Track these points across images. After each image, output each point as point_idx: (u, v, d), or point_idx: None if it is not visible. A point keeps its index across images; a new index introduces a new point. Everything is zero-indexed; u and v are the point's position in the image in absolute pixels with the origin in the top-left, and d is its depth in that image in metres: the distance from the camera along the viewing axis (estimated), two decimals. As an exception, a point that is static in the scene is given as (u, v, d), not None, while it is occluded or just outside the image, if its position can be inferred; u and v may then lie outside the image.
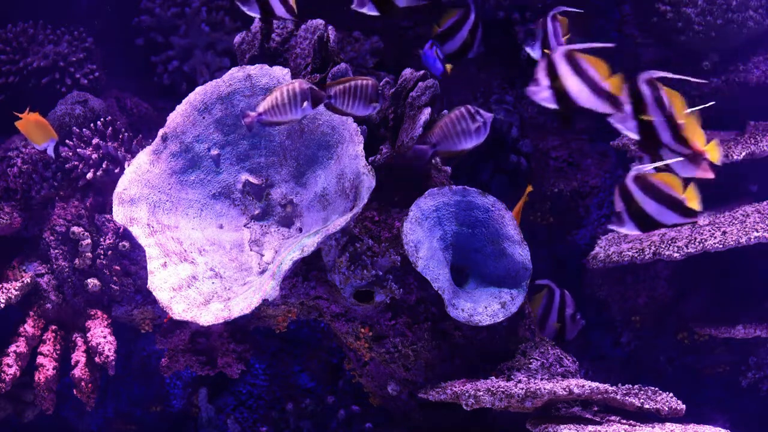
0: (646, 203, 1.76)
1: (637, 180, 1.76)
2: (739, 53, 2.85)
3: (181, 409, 2.79)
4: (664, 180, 1.77)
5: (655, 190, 1.76)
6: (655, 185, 1.76)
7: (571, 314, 2.47)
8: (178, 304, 2.08)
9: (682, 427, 1.99)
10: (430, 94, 2.24)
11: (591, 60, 1.78)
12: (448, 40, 2.23)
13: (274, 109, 1.92)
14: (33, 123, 2.30)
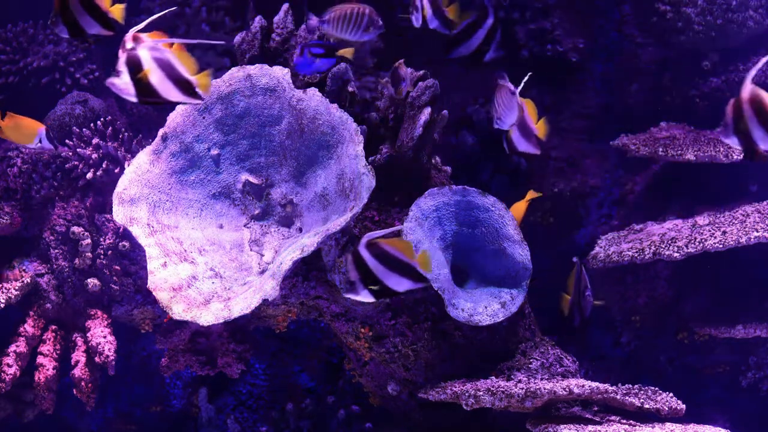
0: (378, 271, 1.78)
1: (369, 247, 1.77)
2: (739, 53, 2.85)
3: (181, 409, 2.79)
4: (395, 246, 1.78)
5: (389, 257, 1.78)
6: (388, 252, 1.78)
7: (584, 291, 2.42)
8: (178, 304, 2.08)
9: (682, 427, 1.99)
10: (430, 94, 2.24)
11: (177, 53, 1.78)
12: (462, 43, 2.20)
13: (338, 21, 1.94)
14: (12, 127, 2.24)
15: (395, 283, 1.80)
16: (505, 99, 2.05)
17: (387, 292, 1.81)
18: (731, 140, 1.76)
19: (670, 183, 2.81)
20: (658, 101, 2.94)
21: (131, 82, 1.76)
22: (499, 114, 2.05)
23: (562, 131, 3.01)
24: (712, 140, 2.65)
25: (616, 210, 2.95)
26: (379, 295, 1.82)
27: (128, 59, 1.77)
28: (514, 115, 2.06)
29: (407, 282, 1.80)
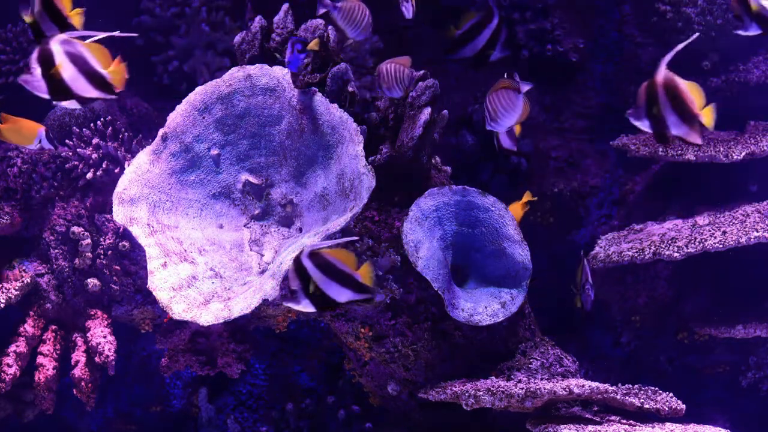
0: (321, 281, 1.77)
1: (312, 256, 1.76)
2: (739, 53, 2.85)
3: (181, 409, 2.79)
4: (337, 256, 1.78)
5: (329, 267, 1.77)
6: (330, 262, 1.77)
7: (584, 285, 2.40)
8: (178, 304, 2.08)
9: (682, 427, 1.99)
10: (430, 94, 2.24)
11: (90, 46, 1.77)
12: (466, 44, 2.18)
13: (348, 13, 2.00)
14: (12, 129, 2.24)
15: (336, 293, 1.78)
16: (504, 101, 2.04)
17: (328, 302, 1.79)
18: (642, 123, 1.74)
19: (670, 183, 2.81)
20: (658, 101, 2.94)
21: (43, 79, 1.73)
22: (495, 116, 2.04)
23: (562, 131, 3.01)
24: (712, 140, 2.65)
25: (616, 210, 2.95)
26: (320, 305, 1.80)
27: (40, 54, 1.73)
28: (513, 119, 2.05)
29: (348, 292, 1.78)
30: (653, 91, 1.72)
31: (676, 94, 1.71)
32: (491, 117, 2.04)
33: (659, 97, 1.71)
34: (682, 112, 1.70)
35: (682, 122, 1.70)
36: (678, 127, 1.71)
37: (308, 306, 1.79)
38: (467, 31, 2.15)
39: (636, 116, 1.75)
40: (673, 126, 1.71)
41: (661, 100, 1.71)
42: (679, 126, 1.70)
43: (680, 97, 1.71)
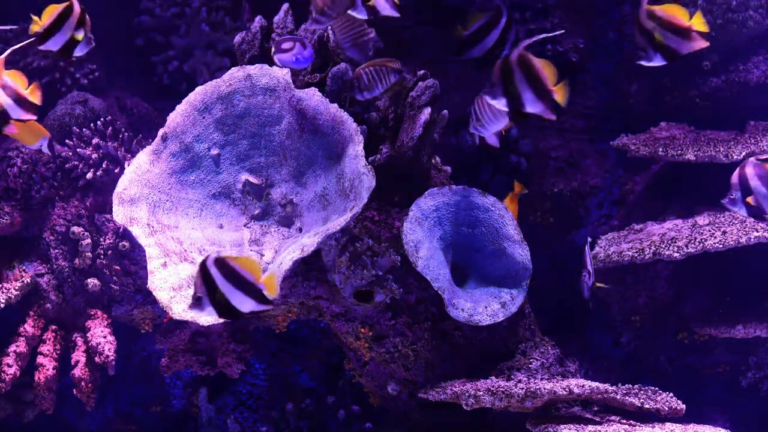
0: (226, 289, 1.75)
1: (218, 263, 1.75)
2: (739, 53, 2.85)
3: (181, 409, 2.80)
4: (243, 264, 1.76)
5: (235, 275, 1.75)
6: (235, 270, 1.75)
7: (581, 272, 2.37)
8: (178, 303, 2.08)
9: (682, 427, 1.99)
10: (430, 94, 2.24)
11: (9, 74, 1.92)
12: (475, 45, 2.18)
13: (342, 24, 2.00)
14: (21, 126, 2.27)
15: (239, 302, 1.76)
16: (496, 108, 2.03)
17: (231, 311, 1.77)
18: (499, 101, 1.74)
19: (670, 183, 2.81)
20: (658, 101, 2.94)
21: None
22: (482, 120, 2.03)
23: (562, 131, 3.01)
24: (712, 140, 2.65)
25: (616, 210, 2.96)
26: (222, 313, 1.78)
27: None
28: (500, 126, 2.04)
29: (251, 302, 1.76)
30: (508, 68, 1.71)
31: (531, 71, 1.70)
32: (477, 119, 2.03)
33: (515, 74, 1.71)
34: (537, 89, 1.70)
35: (537, 99, 1.70)
36: (534, 104, 1.72)
37: (212, 313, 1.77)
38: (475, 31, 2.14)
39: (492, 95, 1.74)
40: (528, 103, 1.71)
41: (517, 77, 1.71)
42: (535, 103, 1.71)
43: (535, 73, 1.70)
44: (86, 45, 2.03)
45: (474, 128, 2.04)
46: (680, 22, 1.81)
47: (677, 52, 1.82)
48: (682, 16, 1.82)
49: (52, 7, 1.97)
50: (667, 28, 1.82)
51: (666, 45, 1.83)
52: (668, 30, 1.82)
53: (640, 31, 1.83)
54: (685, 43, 1.82)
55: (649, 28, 1.82)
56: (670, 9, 1.83)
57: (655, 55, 1.86)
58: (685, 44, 1.82)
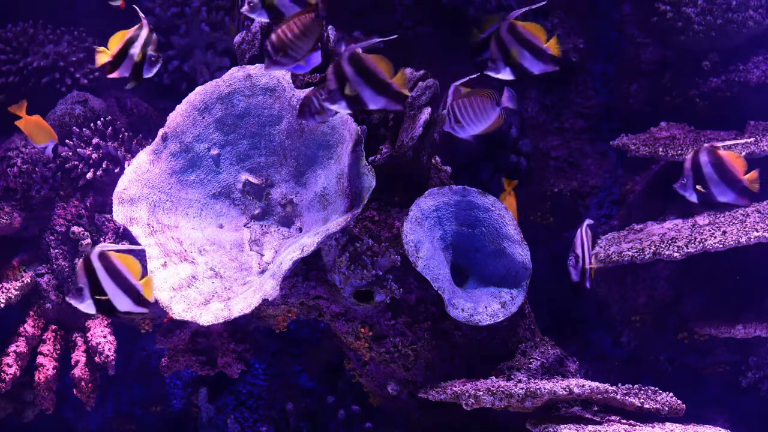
0: (106, 283, 1.78)
1: (102, 258, 1.77)
2: (739, 53, 2.85)
3: (181, 409, 2.80)
4: (125, 263, 1.79)
5: (116, 273, 1.78)
6: (117, 267, 1.78)
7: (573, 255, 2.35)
8: (178, 303, 2.08)
9: (682, 427, 1.99)
10: (430, 94, 2.24)
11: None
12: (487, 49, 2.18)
13: None
14: (34, 123, 2.30)
15: (118, 300, 1.78)
16: (478, 108, 2.03)
17: (109, 308, 1.79)
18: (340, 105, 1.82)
19: (670, 183, 2.81)
20: (658, 101, 2.94)
21: None
22: (462, 120, 2.03)
23: (562, 131, 3.01)
24: (712, 140, 2.65)
25: (616, 210, 2.96)
26: (101, 309, 1.79)
27: None
28: (480, 129, 2.04)
29: (128, 302, 1.79)
30: (340, 69, 1.78)
31: (366, 68, 1.77)
32: (456, 119, 2.03)
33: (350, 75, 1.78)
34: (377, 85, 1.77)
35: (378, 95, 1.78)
36: (374, 101, 1.78)
37: (90, 307, 1.78)
38: (488, 36, 2.15)
39: (331, 101, 1.81)
40: (370, 101, 1.78)
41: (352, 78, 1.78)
42: (376, 99, 1.78)
43: (369, 69, 1.77)
44: (154, 64, 2.05)
45: (450, 127, 2.04)
46: (537, 43, 1.87)
47: (528, 71, 1.89)
48: (540, 37, 1.86)
49: (118, 34, 2.04)
50: (525, 46, 1.86)
51: (519, 63, 1.87)
52: (525, 48, 1.87)
53: (497, 43, 1.88)
54: (538, 64, 1.88)
55: (506, 41, 1.87)
56: (531, 28, 1.89)
57: (505, 68, 1.90)
58: (537, 65, 1.89)
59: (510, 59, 1.91)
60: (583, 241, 2.20)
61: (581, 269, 2.19)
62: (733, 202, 2.02)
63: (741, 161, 1.99)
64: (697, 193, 2.00)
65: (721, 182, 1.99)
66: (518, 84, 2.85)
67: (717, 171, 1.98)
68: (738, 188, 1.99)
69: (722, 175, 1.99)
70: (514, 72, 1.93)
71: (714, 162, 1.97)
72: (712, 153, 1.98)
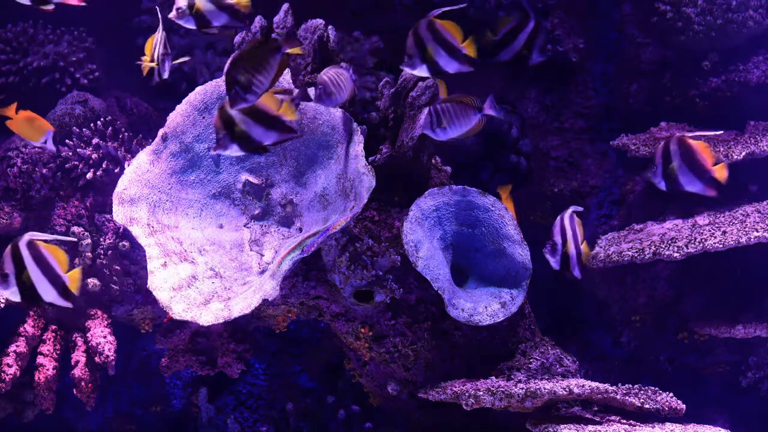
0: (33, 273, 1.78)
1: (30, 246, 1.78)
2: (740, 53, 2.85)
3: (181, 409, 2.79)
4: (53, 253, 1.80)
5: (44, 262, 1.79)
6: (45, 257, 1.79)
7: None
8: (178, 303, 2.08)
9: (682, 427, 1.99)
10: (430, 94, 2.24)
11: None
12: (504, 48, 2.19)
13: None
14: (24, 121, 2.28)
15: (43, 290, 1.78)
16: (461, 114, 2.03)
17: (34, 296, 1.79)
18: None
19: (670, 183, 2.81)
20: (658, 101, 2.94)
21: None
22: (442, 123, 2.03)
23: (562, 131, 3.01)
24: (712, 140, 2.64)
25: (616, 210, 2.96)
26: (25, 297, 1.80)
27: None
28: (458, 133, 2.05)
29: (54, 293, 1.79)
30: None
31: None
32: (437, 122, 2.03)
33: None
34: None
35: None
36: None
37: (15, 294, 1.79)
38: (505, 34, 2.16)
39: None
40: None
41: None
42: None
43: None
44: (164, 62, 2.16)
45: (428, 128, 2.03)
46: (453, 42, 1.90)
47: (443, 69, 1.92)
48: (457, 36, 1.89)
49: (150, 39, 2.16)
50: (441, 45, 1.88)
51: (435, 60, 1.89)
52: (441, 46, 1.90)
53: (414, 39, 1.91)
54: (453, 63, 1.92)
55: (424, 38, 1.90)
56: (449, 26, 1.91)
57: (421, 65, 1.92)
58: (452, 64, 1.92)
59: (426, 56, 1.92)
60: (565, 227, 2.12)
61: (561, 256, 2.12)
62: (700, 192, 2.03)
63: (710, 152, 2.00)
64: (666, 182, 2.01)
65: (689, 172, 2.00)
66: (518, 84, 2.86)
67: (686, 161, 1.98)
68: (706, 178, 2.00)
69: (691, 164, 1.99)
70: (430, 69, 1.94)
71: (683, 152, 1.98)
72: (682, 143, 1.99)
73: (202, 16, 1.96)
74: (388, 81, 2.29)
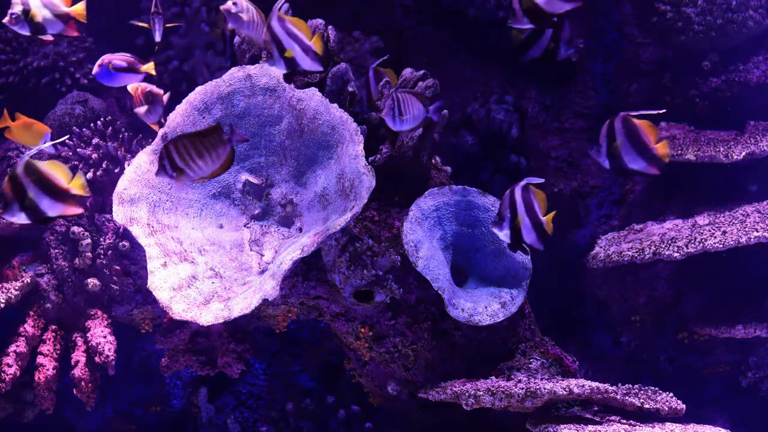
0: (34, 193, 1.86)
1: (27, 169, 1.83)
2: (739, 53, 2.85)
3: (181, 409, 2.80)
4: (52, 169, 1.85)
5: (44, 181, 1.86)
6: (44, 175, 1.84)
7: None
8: (178, 303, 2.08)
9: (682, 427, 1.99)
10: (430, 94, 2.24)
11: None
12: (531, 46, 2.19)
13: None
14: (20, 128, 2.28)
15: (47, 207, 1.86)
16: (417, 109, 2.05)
17: (40, 215, 1.87)
18: None
19: (670, 183, 2.81)
20: (658, 101, 2.94)
21: None
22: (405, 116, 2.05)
23: (562, 131, 3.01)
24: (712, 140, 2.65)
25: (616, 210, 2.96)
26: (33, 218, 1.88)
27: None
28: (409, 127, 2.06)
29: (60, 207, 1.87)
30: None
31: None
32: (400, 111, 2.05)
33: None
34: None
35: None
36: None
37: (22, 218, 1.84)
38: (532, 33, 2.16)
39: None
40: None
41: None
42: None
43: None
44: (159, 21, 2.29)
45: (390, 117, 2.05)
46: (303, 39, 1.96)
47: (300, 67, 1.97)
48: (306, 34, 1.96)
49: None
50: (296, 42, 1.95)
51: (293, 59, 1.96)
52: (296, 43, 1.96)
53: (271, 35, 1.95)
54: (305, 60, 1.96)
55: (279, 35, 1.95)
56: (299, 24, 1.97)
57: (280, 61, 1.96)
58: (308, 62, 1.96)
59: (284, 54, 1.98)
60: (515, 200, 2.04)
61: (513, 229, 2.05)
62: (643, 170, 2.02)
63: (653, 130, 1.99)
64: (610, 160, 2.02)
65: (633, 150, 2.00)
66: (518, 84, 2.86)
67: (629, 139, 1.99)
68: (648, 156, 2.00)
69: (634, 143, 1.99)
70: (287, 66, 1.99)
71: (627, 130, 1.98)
72: (626, 121, 1.99)
73: (37, 24, 2.04)
74: (388, 81, 2.29)
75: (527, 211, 2.03)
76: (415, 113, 2.05)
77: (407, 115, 2.04)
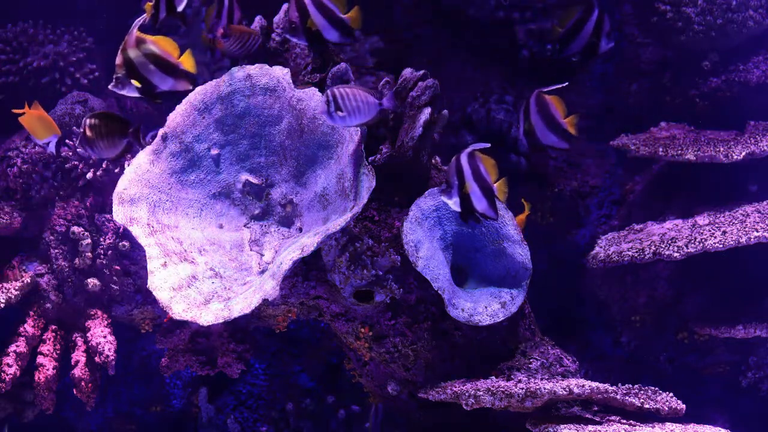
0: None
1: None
2: (739, 53, 2.85)
3: (181, 409, 2.80)
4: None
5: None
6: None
7: None
8: (178, 303, 2.08)
9: (682, 427, 1.99)
10: (430, 93, 2.24)
11: None
12: (572, 41, 2.20)
13: None
14: (36, 118, 2.29)
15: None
16: (362, 103, 2.02)
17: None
18: None
19: (670, 183, 2.81)
20: (658, 101, 2.94)
21: None
22: (345, 111, 2.02)
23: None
24: (712, 140, 2.65)
25: (616, 210, 2.96)
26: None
27: None
28: (359, 122, 2.04)
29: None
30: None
31: None
32: (337, 107, 1.99)
33: None
34: None
35: None
36: None
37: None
38: (571, 27, 2.17)
39: None
40: None
41: None
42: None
43: None
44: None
45: (328, 114, 2.01)
46: (170, 59, 1.95)
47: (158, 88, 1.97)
48: (173, 53, 1.95)
49: None
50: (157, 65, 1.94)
51: (149, 80, 1.96)
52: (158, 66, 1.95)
53: (123, 58, 1.95)
54: (171, 81, 1.97)
55: (133, 57, 1.94)
56: (162, 43, 1.96)
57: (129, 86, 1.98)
58: (170, 82, 1.97)
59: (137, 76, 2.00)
60: (461, 167, 2.01)
61: (462, 197, 2.01)
62: (555, 145, 2.05)
63: (562, 105, 2.02)
64: (527, 138, 2.04)
65: (545, 126, 2.02)
66: (518, 84, 2.86)
67: (542, 115, 2.01)
68: (559, 131, 2.03)
69: (546, 118, 2.02)
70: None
71: (539, 107, 2.00)
72: (538, 98, 2.02)
73: None
74: (388, 81, 2.29)
75: (475, 178, 1.99)
76: (359, 107, 1.98)
77: (346, 111, 1.99)
